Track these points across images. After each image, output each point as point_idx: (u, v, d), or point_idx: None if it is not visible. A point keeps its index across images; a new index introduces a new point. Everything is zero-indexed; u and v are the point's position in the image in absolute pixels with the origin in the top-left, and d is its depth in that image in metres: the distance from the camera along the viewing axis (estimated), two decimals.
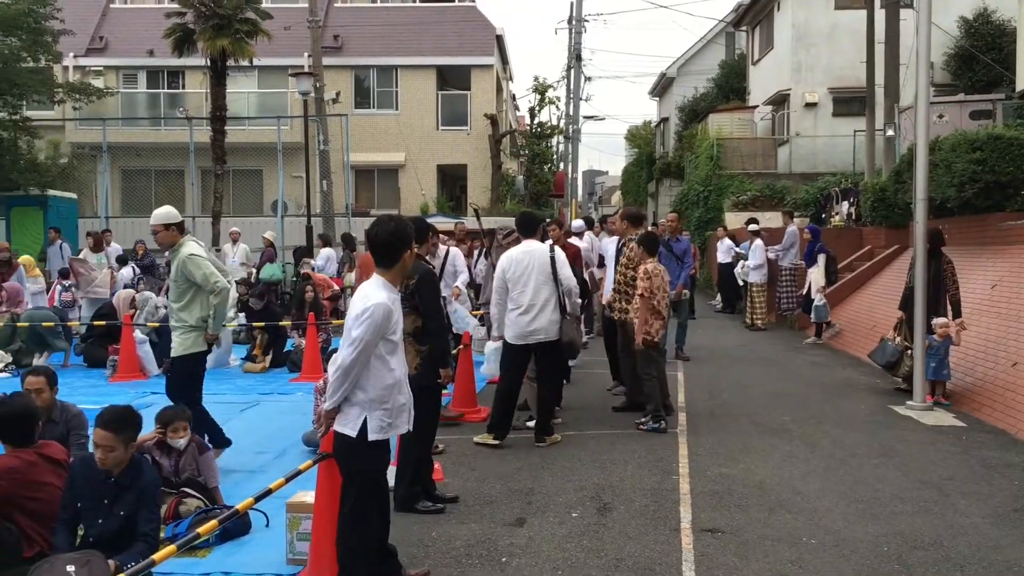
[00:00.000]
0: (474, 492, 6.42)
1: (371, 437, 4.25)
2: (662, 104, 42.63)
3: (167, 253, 7.07)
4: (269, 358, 12.43)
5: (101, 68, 28.79)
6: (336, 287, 15.66)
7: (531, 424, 8.05)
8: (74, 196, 23.32)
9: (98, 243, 17.11)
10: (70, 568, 4.15)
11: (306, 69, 23.88)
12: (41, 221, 20.78)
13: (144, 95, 29.56)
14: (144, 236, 22.24)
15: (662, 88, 41.81)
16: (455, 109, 30.45)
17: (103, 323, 12.50)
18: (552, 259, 7.62)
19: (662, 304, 8.49)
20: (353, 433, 4.24)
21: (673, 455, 7.47)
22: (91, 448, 4.93)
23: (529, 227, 7.88)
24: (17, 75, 19.83)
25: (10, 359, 12.15)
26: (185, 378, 6.95)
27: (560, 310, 7.63)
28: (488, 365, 9.25)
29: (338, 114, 25.79)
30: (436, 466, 6.46)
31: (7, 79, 19.53)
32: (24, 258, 15.01)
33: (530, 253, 7.67)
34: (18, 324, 12.36)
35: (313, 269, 16.31)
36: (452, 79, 31.11)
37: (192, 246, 6.93)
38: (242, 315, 13.70)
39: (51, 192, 21.49)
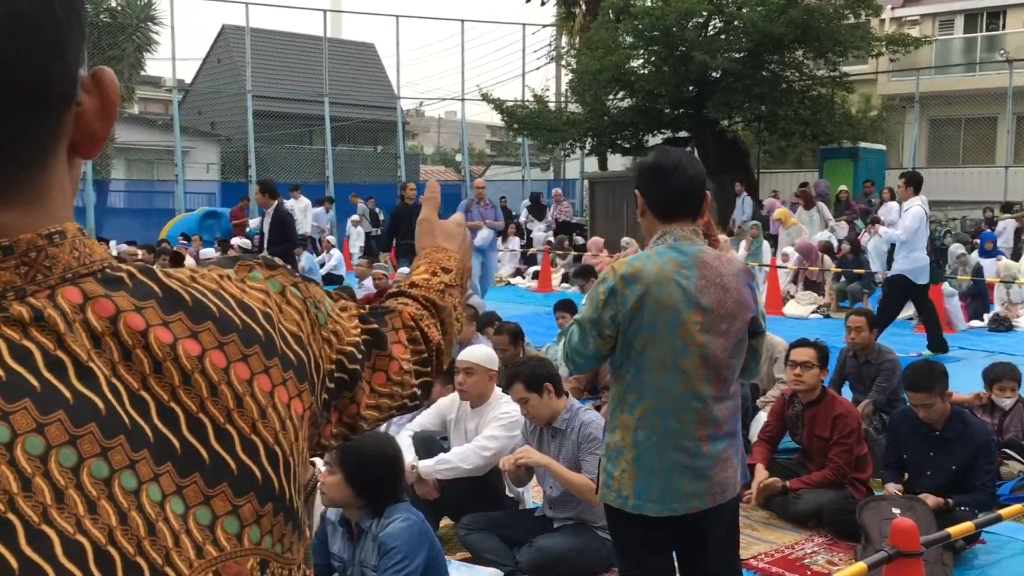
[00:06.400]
0: None
1: None
2: None
3: None
4: None
5: (917, 17, 28.49)
6: None
7: None
8: (883, 148, 23.75)
9: (808, 201, 16.26)
10: (895, 510, 4.35)
11: None
12: (851, 172, 21.68)
13: (959, 40, 28.42)
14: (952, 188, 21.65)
15: None
16: None
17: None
18: None
19: None
20: None
21: None
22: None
23: None
24: (839, 32, 20.70)
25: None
26: None
27: None
28: None
29: None
30: None
31: (831, 37, 20.50)
32: (780, 211, 15.91)
33: None
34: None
35: None
36: None
37: None
38: None
39: (862, 144, 22.21)
